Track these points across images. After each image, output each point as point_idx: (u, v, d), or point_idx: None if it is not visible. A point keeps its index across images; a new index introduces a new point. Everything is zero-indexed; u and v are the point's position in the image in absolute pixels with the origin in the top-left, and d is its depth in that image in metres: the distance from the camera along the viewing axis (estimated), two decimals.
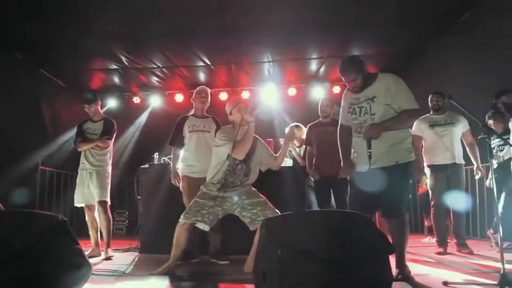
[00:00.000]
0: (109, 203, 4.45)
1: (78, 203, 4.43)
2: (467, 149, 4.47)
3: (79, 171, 4.47)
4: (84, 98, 4.65)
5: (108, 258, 4.19)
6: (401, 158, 2.92)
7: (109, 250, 4.33)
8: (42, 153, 6.40)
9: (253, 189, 3.49)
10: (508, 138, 4.15)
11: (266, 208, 3.29)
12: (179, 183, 4.14)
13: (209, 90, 4.45)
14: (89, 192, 4.37)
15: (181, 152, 4.23)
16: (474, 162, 4.44)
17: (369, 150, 2.89)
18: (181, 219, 3.33)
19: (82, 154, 4.48)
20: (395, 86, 2.91)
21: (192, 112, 4.38)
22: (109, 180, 4.50)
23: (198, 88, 4.42)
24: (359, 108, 3.00)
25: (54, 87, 7.32)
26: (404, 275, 2.89)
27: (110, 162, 4.55)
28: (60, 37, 5.74)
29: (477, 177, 4.51)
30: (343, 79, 3.06)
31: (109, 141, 4.47)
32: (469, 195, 4.92)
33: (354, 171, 3.08)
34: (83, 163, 4.45)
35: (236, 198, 3.35)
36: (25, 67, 6.34)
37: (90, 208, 4.42)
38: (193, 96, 4.37)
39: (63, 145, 7.00)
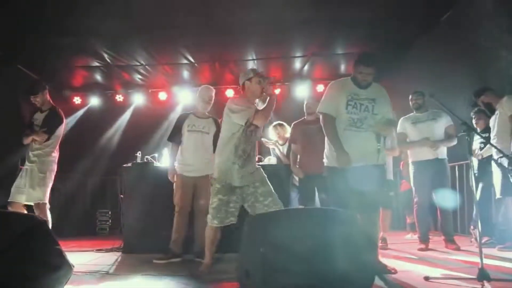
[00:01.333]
0: (45, 203, 4.09)
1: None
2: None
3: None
4: (28, 88, 4.23)
5: None
6: (384, 159, 3.21)
7: None
8: (22, 152, 6.25)
9: (263, 173, 3.32)
10: (488, 136, 4.25)
11: (275, 199, 3.21)
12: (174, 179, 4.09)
13: (213, 92, 4.28)
14: (20, 190, 4.03)
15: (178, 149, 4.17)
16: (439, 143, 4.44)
17: (379, 144, 3.04)
18: (215, 224, 3.16)
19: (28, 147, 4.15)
20: (388, 98, 3.24)
21: (193, 110, 4.30)
22: (48, 180, 4.12)
23: (201, 89, 4.22)
24: (360, 104, 3.11)
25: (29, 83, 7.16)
26: (380, 269, 2.99)
27: (52, 158, 4.19)
28: (40, 33, 5.62)
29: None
30: (360, 69, 3.11)
31: (46, 134, 4.07)
32: (455, 191, 5.01)
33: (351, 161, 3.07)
34: (27, 158, 4.12)
35: (251, 189, 3.20)
36: (3, 64, 6.18)
37: (13, 206, 4.01)
38: (198, 96, 4.21)
39: None
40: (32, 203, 4.05)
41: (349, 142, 3.09)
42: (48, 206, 4.15)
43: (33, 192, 4.01)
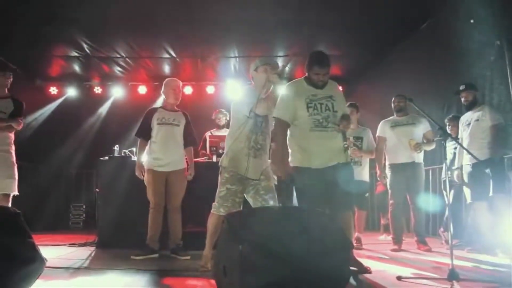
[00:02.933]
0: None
1: None
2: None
3: None
4: (5, 64, 3.90)
5: None
6: (349, 157, 3.27)
7: None
8: None
9: (270, 169, 3.29)
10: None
11: (275, 197, 3.22)
12: (143, 176, 4.04)
13: (179, 83, 4.27)
14: None
15: (148, 145, 4.13)
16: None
17: (345, 143, 3.07)
18: (221, 212, 3.09)
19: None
20: (342, 95, 3.29)
21: (161, 104, 4.28)
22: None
23: (171, 82, 4.20)
24: (319, 104, 3.08)
25: None
26: (355, 268, 3.04)
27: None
28: (15, 19, 5.44)
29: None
30: (316, 70, 3.08)
31: (21, 122, 3.90)
32: (429, 194, 5.14)
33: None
34: None
35: (255, 181, 3.16)
36: None
37: None
38: (165, 89, 4.17)
39: (21, 133, 6.63)
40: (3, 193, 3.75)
41: (316, 142, 3.06)
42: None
43: (13, 182, 3.79)
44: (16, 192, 3.81)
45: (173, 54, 6.82)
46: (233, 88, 7.91)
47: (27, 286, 2.05)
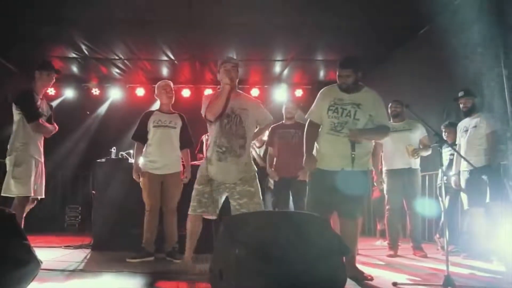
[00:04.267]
0: None
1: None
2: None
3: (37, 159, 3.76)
4: (51, 65, 3.96)
5: None
6: (370, 165, 3.26)
7: None
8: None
9: (253, 174, 3.25)
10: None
11: (251, 201, 3.15)
12: (140, 178, 4.03)
13: (169, 83, 4.28)
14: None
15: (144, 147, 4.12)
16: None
17: (353, 152, 3.01)
18: (190, 212, 3.19)
19: (31, 136, 3.72)
20: (380, 101, 3.20)
21: (157, 107, 4.28)
22: None
23: (162, 83, 4.23)
24: (342, 109, 3.11)
25: (5, 73, 6.92)
26: (356, 276, 2.99)
27: None
28: (13, 20, 5.43)
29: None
30: (338, 72, 3.17)
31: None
32: (425, 200, 5.15)
33: (316, 166, 3.16)
34: (35, 148, 3.73)
35: (231, 184, 3.17)
36: None
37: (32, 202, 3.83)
38: (157, 91, 4.21)
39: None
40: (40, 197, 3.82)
41: (328, 145, 3.15)
42: None
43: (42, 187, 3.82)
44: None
45: (172, 57, 6.82)
46: None
47: None
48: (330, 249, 2.26)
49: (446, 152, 4.74)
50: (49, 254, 4.08)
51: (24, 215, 3.69)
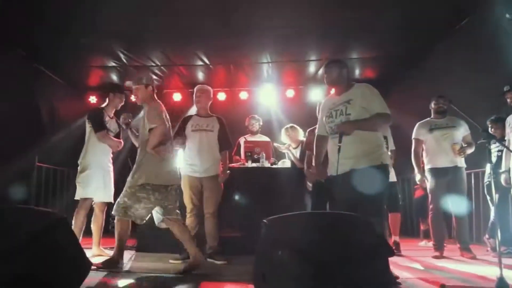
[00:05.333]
0: None
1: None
2: None
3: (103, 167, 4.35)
4: (123, 89, 4.74)
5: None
6: (383, 159, 3.02)
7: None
8: (39, 149, 6.34)
9: None
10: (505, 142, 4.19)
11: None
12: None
13: (207, 88, 4.38)
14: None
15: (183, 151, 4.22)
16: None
17: (339, 144, 2.96)
18: None
19: (99, 147, 4.31)
20: (370, 91, 3.08)
21: (195, 111, 4.38)
22: None
23: (195, 88, 4.42)
24: (335, 112, 3.11)
25: (51, 84, 7.25)
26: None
27: None
28: (58, 33, 5.69)
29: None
30: (325, 79, 3.24)
31: None
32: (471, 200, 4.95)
33: (326, 174, 3.21)
34: (101, 157, 4.33)
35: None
36: (22, 63, 6.28)
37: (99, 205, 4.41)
38: (194, 96, 4.37)
39: (61, 142, 6.93)
40: (107, 201, 4.36)
41: (331, 149, 3.15)
42: None
43: (111, 193, 4.36)
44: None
45: (207, 61, 6.91)
46: (266, 94, 7.93)
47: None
48: (373, 251, 2.22)
49: (494, 148, 4.52)
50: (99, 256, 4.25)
51: (103, 218, 4.37)
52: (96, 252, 4.23)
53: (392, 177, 4.80)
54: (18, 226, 2.06)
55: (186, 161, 4.12)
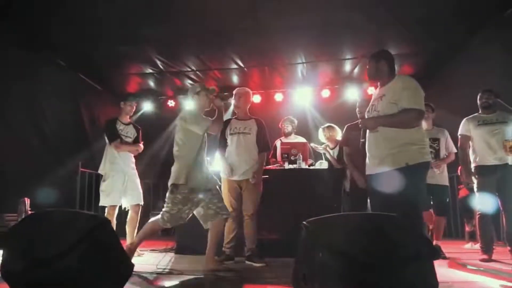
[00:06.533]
0: None
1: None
2: None
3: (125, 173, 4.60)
4: (132, 97, 4.92)
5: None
6: (411, 159, 2.79)
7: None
8: (82, 155, 6.60)
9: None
10: None
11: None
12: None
13: (246, 91, 4.45)
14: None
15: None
16: None
17: (362, 140, 2.95)
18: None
19: (118, 155, 4.57)
20: (403, 84, 2.90)
21: (234, 114, 4.43)
22: None
23: (235, 91, 4.47)
24: (371, 106, 3.05)
25: (92, 92, 7.55)
26: None
27: None
28: (96, 42, 5.90)
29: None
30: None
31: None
32: None
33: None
34: (120, 165, 4.56)
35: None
36: (65, 72, 6.57)
37: (114, 209, 4.62)
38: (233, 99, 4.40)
39: (102, 148, 7.16)
40: (135, 203, 4.64)
41: (368, 146, 3.05)
42: None
43: (141, 194, 4.70)
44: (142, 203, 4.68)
45: (241, 64, 6.95)
46: (301, 94, 7.88)
47: None
48: (418, 252, 2.13)
49: None
50: (137, 257, 4.35)
51: (137, 220, 4.62)
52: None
53: (444, 181, 4.64)
54: (67, 228, 2.14)
55: (225, 164, 4.14)
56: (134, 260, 3.86)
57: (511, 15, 4.98)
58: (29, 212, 4.62)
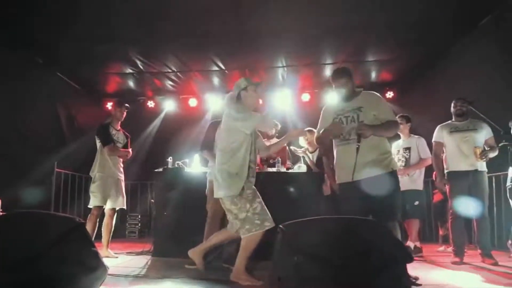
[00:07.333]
0: None
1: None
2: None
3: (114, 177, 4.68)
4: (121, 102, 4.96)
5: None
6: (394, 165, 3.12)
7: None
8: (58, 155, 6.46)
9: None
10: None
11: None
12: None
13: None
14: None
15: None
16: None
17: (358, 144, 3.00)
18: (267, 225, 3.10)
19: (109, 159, 4.64)
20: (380, 100, 3.19)
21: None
22: None
23: (229, 95, 4.39)
24: (345, 118, 3.15)
25: (70, 90, 7.40)
26: None
27: None
28: (76, 40, 5.81)
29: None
30: (334, 85, 3.24)
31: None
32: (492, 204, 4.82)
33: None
34: (111, 168, 4.65)
35: None
36: (43, 70, 6.43)
37: (100, 210, 4.66)
38: (225, 101, 4.33)
39: (79, 148, 7.03)
40: (117, 208, 4.76)
41: (343, 155, 3.15)
42: None
43: (124, 199, 4.78)
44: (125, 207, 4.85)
45: (222, 66, 6.95)
46: (281, 98, 7.92)
47: None
48: (393, 256, 2.18)
49: None
50: (113, 260, 4.29)
51: (112, 224, 4.70)
52: (103, 254, 4.32)
53: (419, 185, 4.79)
54: (39, 231, 2.09)
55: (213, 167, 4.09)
56: (108, 262, 3.81)
57: (487, 25, 5.14)
58: (0, 213, 4.49)
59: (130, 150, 4.90)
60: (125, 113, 4.88)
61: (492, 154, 4.21)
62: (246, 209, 3.11)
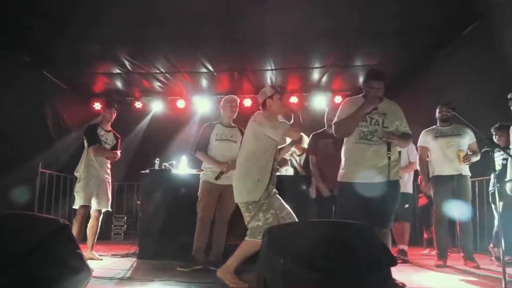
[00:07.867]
0: None
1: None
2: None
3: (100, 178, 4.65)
4: (111, 103, 5.00)
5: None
6: (398, 174, 3.22)
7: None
8: (43, 155, 6.36)
9: None
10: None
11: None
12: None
13: (237, 99, 4.33)
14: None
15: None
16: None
17: (389, 152, 3.06)
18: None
19: (94, 160, 4.61)
20: (401, 112, 3.29)
21: (218, 119, 4.32)
22: None
23: (229, 97, 4.32)
24: (369, 118, 3.16)
25: (56, 90, 7.31)
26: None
27: None
28: (64, 40, 5.75)
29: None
30: (372, 84, 3.21)
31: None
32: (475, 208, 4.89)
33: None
34: (96, 169, 4.61)
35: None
36: (29, 69, 6.33)
37: (87, 210, 4.65)
38: (223, 104, 4.28)
39: (65, 148, 6.95)
40: (104, 209, 4.75)
41: (360, 154, 3.14)
42: None
43: (109, 201, 4.76)
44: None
45: (211, 68, 6.94)
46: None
47: None
48: (378, 260, 2.20)
49: (498, 156, 4.50)
50: (98, 262, 4.25)
51: (98, 225, 4.67)
52: (88, 256, 4.29)
53: (409, 188, 4.87)
54: (21, 233, 2.06)
55: (208, 169, 4.06)
56: (93, 265, 3.77)
57: (472, 31, 5.24)
58: None
59: (118, 152, 4.85)
60: (114, 114, 4.86)
61: (475, 159, 4.29)
62: (258, 218, 3.06)
